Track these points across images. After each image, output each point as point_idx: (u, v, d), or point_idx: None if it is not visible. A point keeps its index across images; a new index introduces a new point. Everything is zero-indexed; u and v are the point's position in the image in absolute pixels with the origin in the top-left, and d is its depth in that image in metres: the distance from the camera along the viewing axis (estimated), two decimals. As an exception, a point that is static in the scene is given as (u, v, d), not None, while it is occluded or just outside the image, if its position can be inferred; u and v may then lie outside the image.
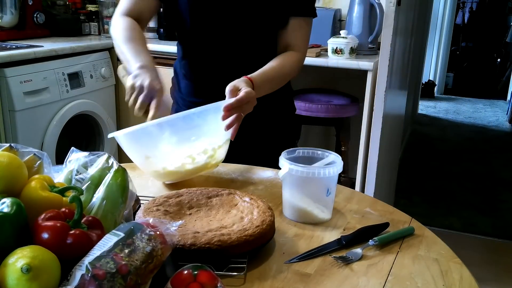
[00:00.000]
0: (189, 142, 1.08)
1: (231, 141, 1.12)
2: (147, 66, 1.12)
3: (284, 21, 1.32)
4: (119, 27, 1.25)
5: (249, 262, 0.79)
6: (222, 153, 1.14)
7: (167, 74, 1.20)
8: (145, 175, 1.16)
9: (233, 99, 1.06)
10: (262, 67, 1.27)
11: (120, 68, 1.18)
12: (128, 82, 1.09)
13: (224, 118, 1.05)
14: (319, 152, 1.02)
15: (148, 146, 1.08)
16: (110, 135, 1.06)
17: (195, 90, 1.40)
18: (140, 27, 1.27)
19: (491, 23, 7.42)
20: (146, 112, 1.07)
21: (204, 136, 1.09)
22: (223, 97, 1.12)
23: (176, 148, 1.08)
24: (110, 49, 2.79)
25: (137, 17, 1.30)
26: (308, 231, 0.93)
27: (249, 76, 1.18)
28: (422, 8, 3.83)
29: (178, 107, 1.43)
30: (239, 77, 1.21)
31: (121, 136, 1.04)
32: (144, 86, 1.07)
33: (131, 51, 1.17)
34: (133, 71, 1.11)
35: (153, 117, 1.05)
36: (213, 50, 1.34)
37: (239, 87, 1.11)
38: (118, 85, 2.86)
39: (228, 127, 1.06)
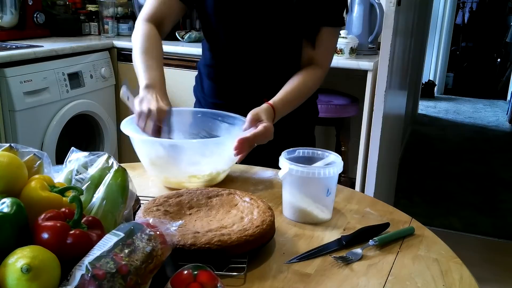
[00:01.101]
0: (197, 165, 1.09)
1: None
2: (153, 84, 1.12)
3: (314, 30, 1.29)
4: (138, 35, 1.25)
5: (249, 262, 0.79)
6: (224, 175, 1.15)
7: (167, 73, 1.21)
8: (145, 175, 1.17)
9: (250, 133, 1.06)
10: (286, 74, 1.27)
11: (122, 92, 1.16)
12: (135, 107, 1.09)
13: (236, 148, 1.05)
14: (319, 152, 1.02)
15: (157, 156, 1.10)
16: (124, 131, 1.07)
17: (217, 91, 1.39)
18: (159, 36, 1.27)
19: (491, 23, 7.42)
20: (158, 133, 1.08)
21: (213, 162, 1.10)
22: (244, 101, 1.15)
23: (183, 167, 1.10)
24: (110, 49, 2.79)
25: (160, 21, 1.29)
26: (308, 231, 0.93)
27: (271, 102, 1.17)
28: (422, 8, 3.83)
29: (200, 107, 1.43)
30: (263, 83, 1.21)
31: (135, 139, 1.07)
32: (152, 111, 1.06)
33: (143, 65, 1.17)
34: (140, 89, 1.12)
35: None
36: (239, 54, 1.32)
37: (260, 118, 1.11)
38: (118, 85, 2.86)
39: (237, 154, 1.05)
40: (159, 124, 1.07)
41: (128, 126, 1.09)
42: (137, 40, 1.25)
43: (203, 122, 1.24)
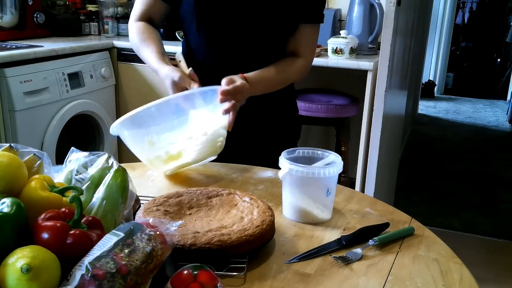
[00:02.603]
0: (188, 124, 1.12)
1: (232, 141, 1.13)
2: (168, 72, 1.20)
3: (293, 27, 1.32)
4: (134, 33, 1.34)
5: (249, 262, 0.79)
6: (221, 140, 1.16)
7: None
8: (145, 175, 1.17)
9: (230, 86, 1.13)
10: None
11: (178, 54, 1.27)
12: (170, 91, 1.20)
13: (222, 100, 1.11)
14: (319, 152, 1.02)
15: (150, 129, 1.10)
16: (112, 132, 1.08)
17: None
18: (152, 27, 1.36)
19: (491, 23, 7.42)
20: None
21: (203, 118, 1.13)
22: None
23: (176, 131, 1.11)
24: (110, 49, 2.79)
25: (149, 20, 1.37)
26: (308, 231, 0.93)
27: (244, 74, 1.22)
28: (422, 8, 3.83)
29: None
30: None
31: (123, 126, 1.08)
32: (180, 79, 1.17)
33: (150, 58, 1.27)
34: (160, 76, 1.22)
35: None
36: (219, 52, 1.34)
37: (234, 80, 1.16)
38: (118, 85, 2.86)
39: (226, 111, 1.11)
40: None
41: (118, 129, 1.10)
42: (134, 37, 1.34)
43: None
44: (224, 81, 1.15)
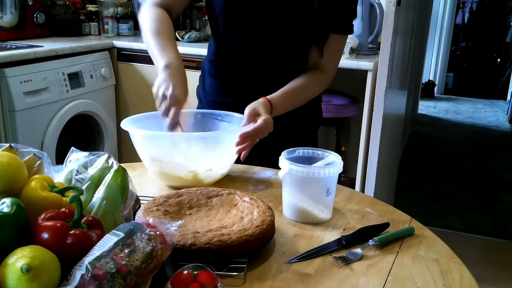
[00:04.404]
0: (197, 160, 1.10)
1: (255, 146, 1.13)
2: (172, 65, 1.12)
3: (322, 36, 1.29)
4: (148, 17, 1.24)
5: (249, 262, 0.79)
6: (225, 172, 1.16)
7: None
8: (145, 175, 1.17)
9: (250, 128, 1.08)
10: (291, 75, 1.28)
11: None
12: (153, 88, 1.11)
13: (238, 144, 1.07)
14: (319, 152, 1.02)
15: (157, 151, 1.10)
16: (124, 127, 1.08)
17: (221, 90, 1.38)
18: (169, 19, 1.26)
19: (491, 23, 7.42)
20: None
21: (214, 158, 1.11)
22: (246, 99, 1.15)
23: (182, 161, 1.10)
24: (110, 49, 2.79)
25: (168, 8, 1.29)
26: (308, 231, 0.93)
27: (269, 98, 1.18)
28: (422, 8, 3.83)
29: (200, 106, 1.42)
30: (266, 83, 1.22)
31: (135, 134, 1.08)
32: (168, 96, 1.08)
33: (158, 46, 1.17)
34: (158, 69, 1.13)
35: (169, 124, 1.09)
36: (244, 53, 1.31)
37: (258, 112, 1.12)
38: (118, 85, 2.86)
39: (239, 151, 1.07)
40: (174, 110, 1.09)
41: (129, 125, 1.10)
42: (147, 21, 1.23)
43: (203, 123, 1.25)
44: (247, 112, 1.11)
